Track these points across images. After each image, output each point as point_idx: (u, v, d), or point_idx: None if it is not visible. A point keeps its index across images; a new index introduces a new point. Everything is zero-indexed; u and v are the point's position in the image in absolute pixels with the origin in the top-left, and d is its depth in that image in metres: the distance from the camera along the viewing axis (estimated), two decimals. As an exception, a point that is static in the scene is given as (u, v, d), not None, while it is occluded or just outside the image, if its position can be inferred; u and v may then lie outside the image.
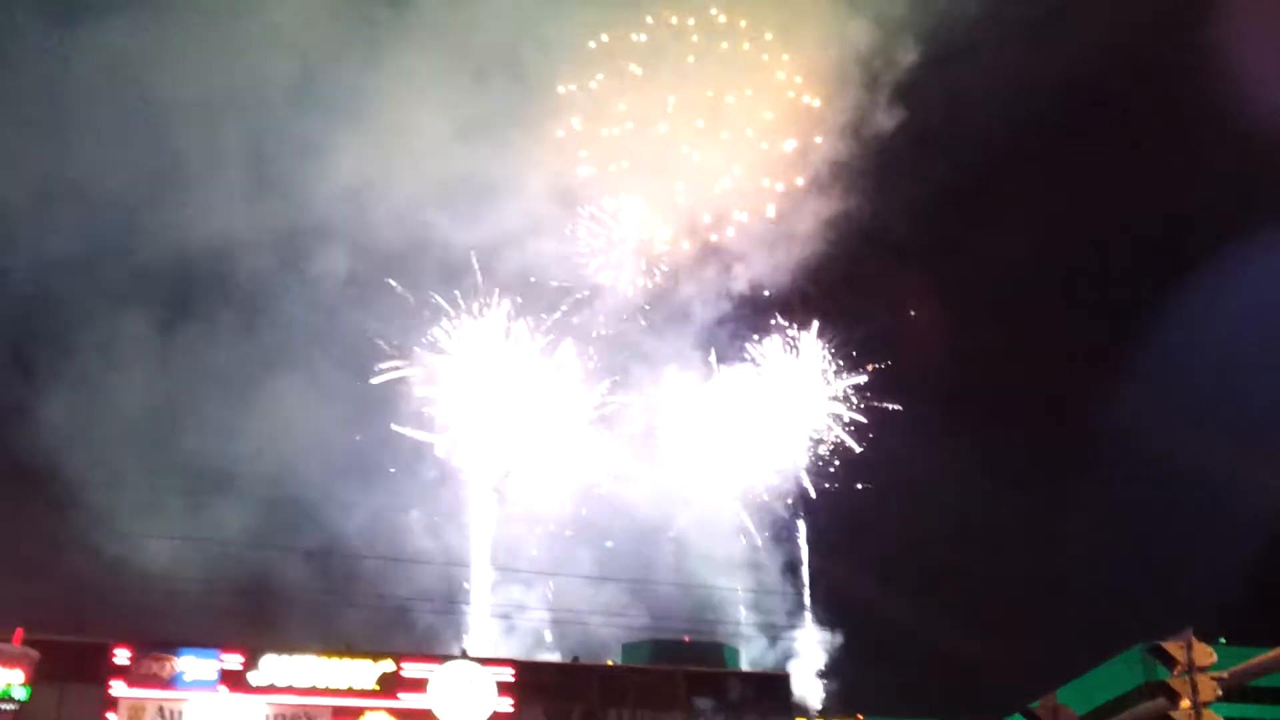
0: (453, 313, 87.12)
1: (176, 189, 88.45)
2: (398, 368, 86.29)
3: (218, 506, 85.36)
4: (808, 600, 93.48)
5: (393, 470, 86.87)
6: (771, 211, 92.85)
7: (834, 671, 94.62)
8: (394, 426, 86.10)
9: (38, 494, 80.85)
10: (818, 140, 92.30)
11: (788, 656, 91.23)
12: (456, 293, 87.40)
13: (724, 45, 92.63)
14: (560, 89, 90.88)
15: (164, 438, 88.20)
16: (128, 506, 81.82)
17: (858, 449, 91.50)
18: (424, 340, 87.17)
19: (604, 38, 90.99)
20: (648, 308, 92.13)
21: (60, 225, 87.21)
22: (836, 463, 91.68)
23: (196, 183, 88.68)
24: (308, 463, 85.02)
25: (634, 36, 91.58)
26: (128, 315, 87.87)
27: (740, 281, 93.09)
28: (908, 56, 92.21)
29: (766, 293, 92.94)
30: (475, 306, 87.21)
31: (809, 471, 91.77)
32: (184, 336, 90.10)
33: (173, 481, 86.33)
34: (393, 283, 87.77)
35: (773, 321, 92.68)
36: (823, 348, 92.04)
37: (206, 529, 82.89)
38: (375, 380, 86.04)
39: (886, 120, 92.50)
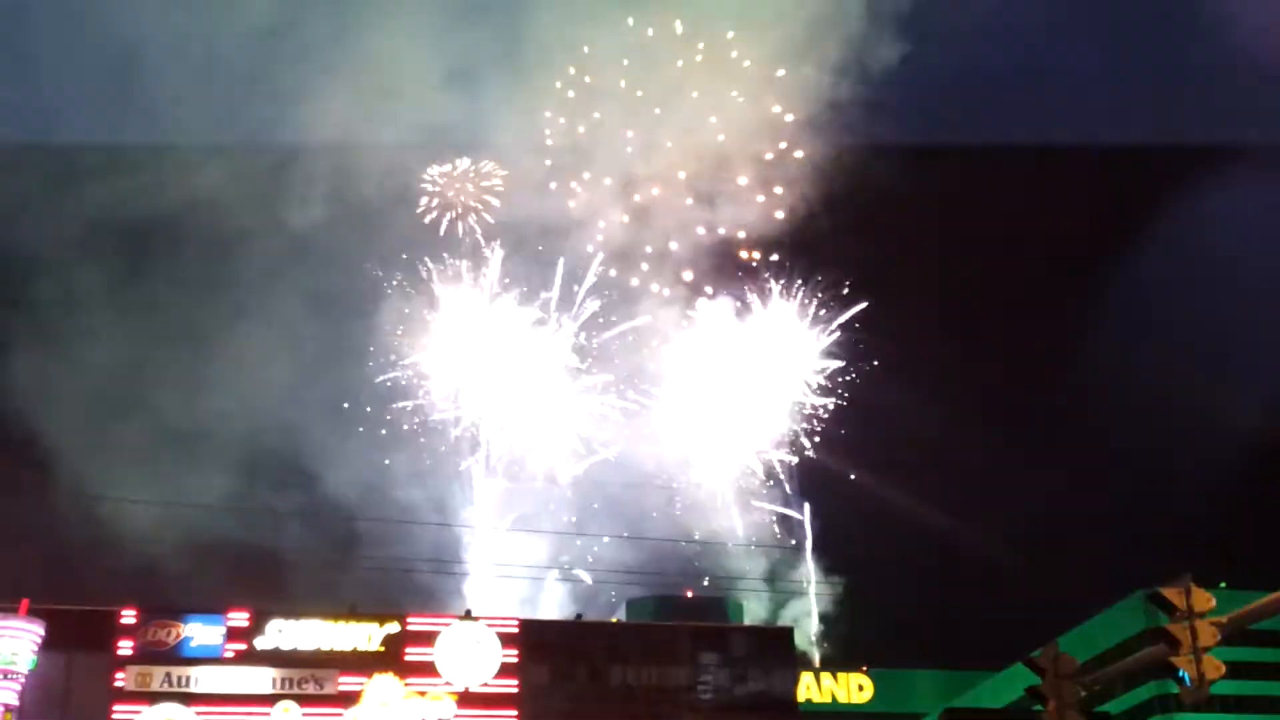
0: (434, 261, 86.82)
1: (146, 132, 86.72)
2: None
3: (203, 468, 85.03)
4: (809, 552, 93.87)
5: (382, 431, 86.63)
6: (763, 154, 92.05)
7: (837, 624, 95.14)
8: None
9: (23, 461, 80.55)
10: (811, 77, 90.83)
11: (788, 606, 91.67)
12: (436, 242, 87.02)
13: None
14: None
15: (141, 397, 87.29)
16: (115, 471, 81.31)
17: (845, 399, 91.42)
18: (407, 289, 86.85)
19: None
20: (635, 251, 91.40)
21: (23, 172, 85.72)
22: (827, 411, 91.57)
23: (166, 124, 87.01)
24: (292, 419, 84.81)
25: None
26: (98, 268, 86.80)
27: (729, 223, 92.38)
28: None
29: (749, 234, 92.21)
30: (458, 254, 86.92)
31: (801, 419, 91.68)
32: (155, 291, 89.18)
33: (157, 443, 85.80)
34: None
35: (764, 263, 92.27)
36: (810, 290, 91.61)
37: (194, 491, 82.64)
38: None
39: (888, 54, 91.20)
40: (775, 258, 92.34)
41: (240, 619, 62.54)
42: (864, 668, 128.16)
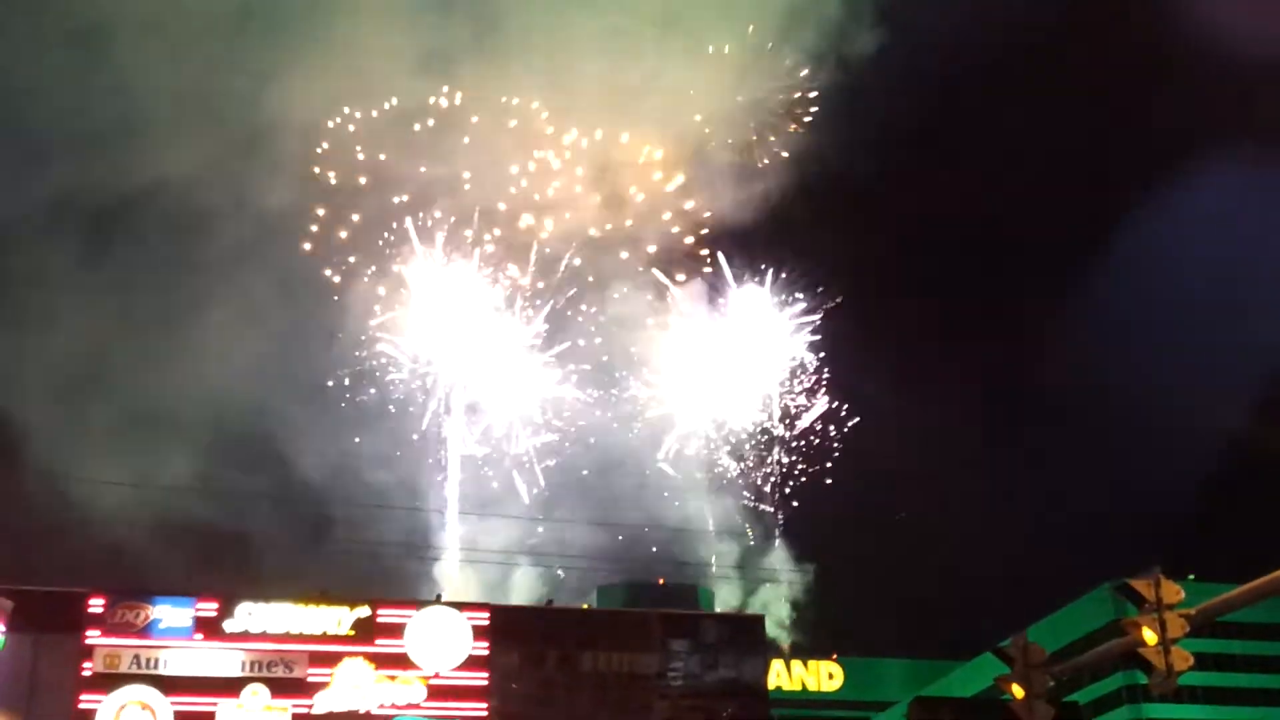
0: (405, 244, 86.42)
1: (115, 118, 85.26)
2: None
3: (169, 449, 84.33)
4: (780, 541, 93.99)
5: (347, 405, 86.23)
6: (734, 142, 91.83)
7: (808, 612, 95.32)
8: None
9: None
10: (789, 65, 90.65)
11: (758, 594, 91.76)
12: (408, 224, 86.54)
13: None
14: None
15: (109, 377, 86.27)
16: (84, 452, 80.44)
17: (818, 389, 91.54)
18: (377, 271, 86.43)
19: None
20: (609, 236, 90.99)
21: None
22: (799, 403, 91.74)
23: (136, 110, 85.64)
24: (262, 400, 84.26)
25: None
26: (64, 247, 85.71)
27: (704, 210, 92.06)
28: None
29: (724, 222, 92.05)
30: (429, 238, 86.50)
31: (773, 407, 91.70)
32: (123, 271, 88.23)
33: (126, 424, 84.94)
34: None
35: (738, 252, 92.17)
36: (785, 280, 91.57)
37: (163, 473, 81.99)
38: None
39: (868, 43, 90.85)
40: (750, 246, 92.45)
41: (209, 602, 62.21)
42: (834, 656, 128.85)
